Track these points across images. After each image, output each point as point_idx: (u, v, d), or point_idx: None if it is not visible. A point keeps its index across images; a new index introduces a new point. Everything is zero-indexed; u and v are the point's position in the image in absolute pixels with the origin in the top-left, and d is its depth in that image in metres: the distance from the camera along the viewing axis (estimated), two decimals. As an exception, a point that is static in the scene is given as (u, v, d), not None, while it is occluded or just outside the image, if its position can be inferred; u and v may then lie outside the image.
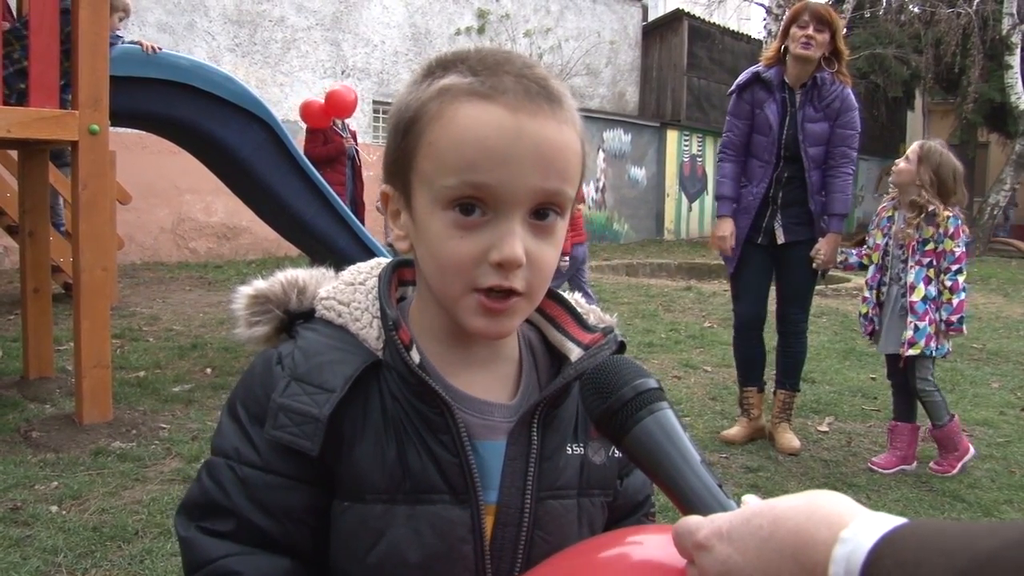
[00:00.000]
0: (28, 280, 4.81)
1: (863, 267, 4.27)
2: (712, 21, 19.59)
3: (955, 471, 4.00)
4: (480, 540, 0.85)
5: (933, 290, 3.94)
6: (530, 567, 0.84)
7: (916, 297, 3.92)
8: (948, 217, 3.90)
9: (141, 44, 5.08)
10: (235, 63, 11.71)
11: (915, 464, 4.09)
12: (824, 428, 4.63)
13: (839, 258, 4.27)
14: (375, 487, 0.84)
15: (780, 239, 4.27)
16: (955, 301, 3.91)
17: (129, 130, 6.89)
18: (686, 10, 18.74)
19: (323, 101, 7.86)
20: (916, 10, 20.00)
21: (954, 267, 3.92)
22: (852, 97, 4.20)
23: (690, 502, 0.71)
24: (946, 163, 3.94)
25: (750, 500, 0.68)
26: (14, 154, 6.13)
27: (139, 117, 5.07)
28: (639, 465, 0.77)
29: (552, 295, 0.94)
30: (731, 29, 20.51)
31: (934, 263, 3.95)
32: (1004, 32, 17.08)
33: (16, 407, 4.38)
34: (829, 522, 0.58)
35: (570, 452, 0.91)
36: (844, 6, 17.89)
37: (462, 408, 0.86)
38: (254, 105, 5.22)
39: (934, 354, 3.95)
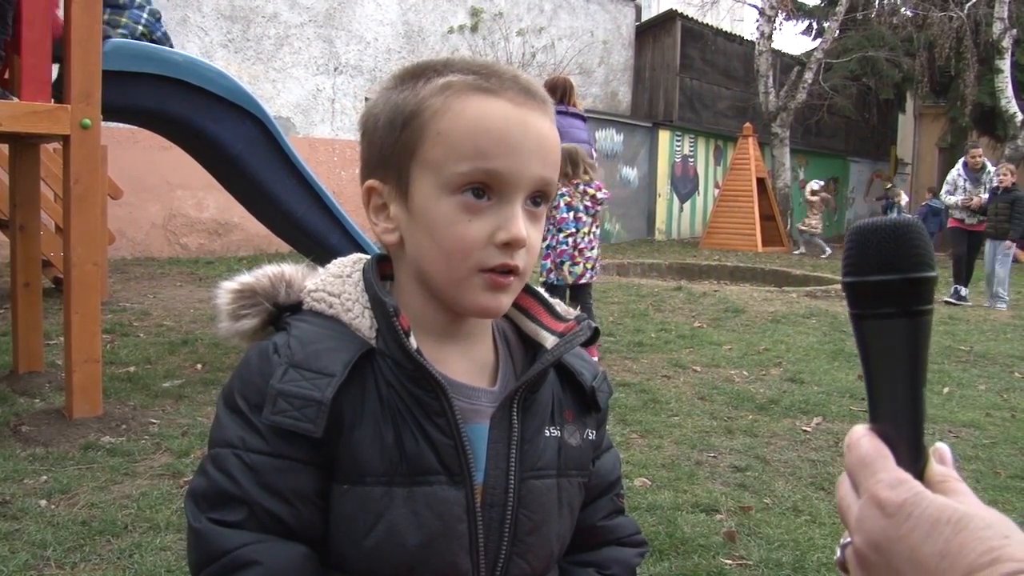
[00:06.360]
0: (19, 274, 4.79)
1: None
2: (705, 22, 19.65)
3: None
4: (474, 519, 0.88)
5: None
6: (516, 544, 0.90)
7: None
8: (560, 193, 5.47)
9: None
10: (228, 59, 11.68)
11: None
12: (811, 428, 4.65)
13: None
14: (374, 470, 0.86)
15: None
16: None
17: (121, 125, 6.87)
18: (679, 10, 18.80)
19: None
20: (909, 13, 20.11)
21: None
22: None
23: (897, 427, 0.60)
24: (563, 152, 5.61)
25: (943, 450, 0.62)
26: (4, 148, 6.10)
27: (131, 112, 5.04)
28: (875, 363, 0.61)
29: (525, 288, 0.98)
30: (724, 30, 20.59)
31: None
32: (995, 36, 17.19)
33: (6, 401, 4.37)
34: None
35: (548, 435, 0.95)
36: (837, 8, 17.98)
37: (452, 392, 0.89)
38: (247, 101, 5.20)
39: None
